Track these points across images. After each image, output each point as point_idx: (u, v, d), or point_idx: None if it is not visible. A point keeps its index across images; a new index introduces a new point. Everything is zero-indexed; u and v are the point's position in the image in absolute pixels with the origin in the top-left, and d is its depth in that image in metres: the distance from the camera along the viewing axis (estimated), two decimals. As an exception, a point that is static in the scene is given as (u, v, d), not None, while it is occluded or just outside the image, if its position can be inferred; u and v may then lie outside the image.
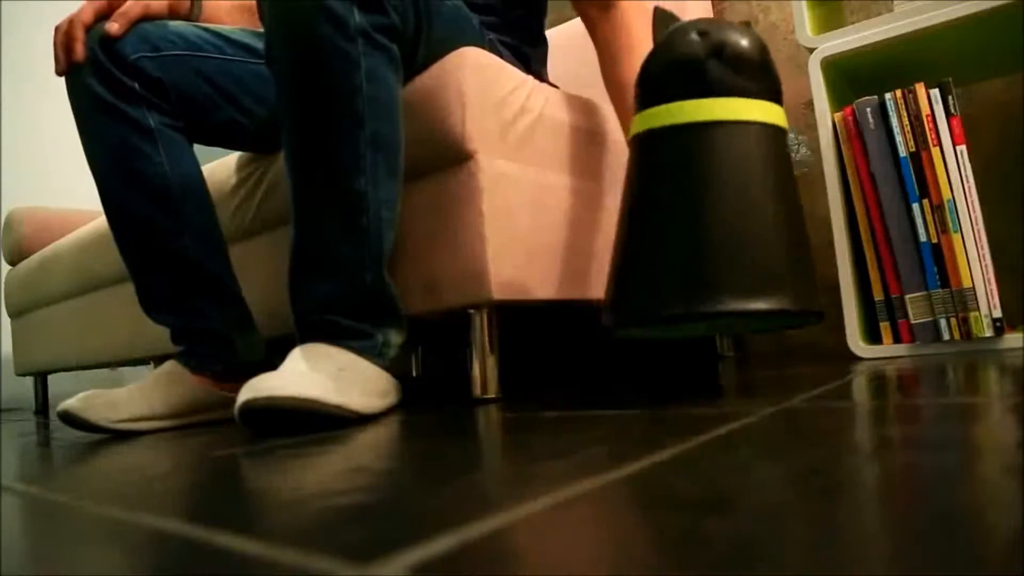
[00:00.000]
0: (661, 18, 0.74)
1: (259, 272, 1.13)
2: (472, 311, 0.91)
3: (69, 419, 0.87)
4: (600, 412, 0.65)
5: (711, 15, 1.40)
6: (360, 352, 0.81)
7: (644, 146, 0.73)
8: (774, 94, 0.72)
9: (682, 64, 0.70)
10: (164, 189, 0.93)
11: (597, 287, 1.03)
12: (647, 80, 0.73)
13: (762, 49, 0.71)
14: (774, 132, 0.71)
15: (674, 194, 0.69)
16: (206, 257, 0.97)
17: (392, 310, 0.85)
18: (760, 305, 0.65)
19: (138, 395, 0.91)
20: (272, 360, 0.92)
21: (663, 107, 0.71)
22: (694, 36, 0.70)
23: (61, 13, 2.97)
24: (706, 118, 0.69)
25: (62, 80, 3.19)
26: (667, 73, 0.71)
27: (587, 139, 1.05)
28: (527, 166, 0.95)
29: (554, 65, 1.30)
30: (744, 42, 0.70)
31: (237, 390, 0.93)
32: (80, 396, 0.89)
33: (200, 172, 0.98)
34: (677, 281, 0.67)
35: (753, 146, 0.69)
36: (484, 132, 0.89)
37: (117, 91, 0.91)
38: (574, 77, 1.29)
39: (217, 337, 0.97)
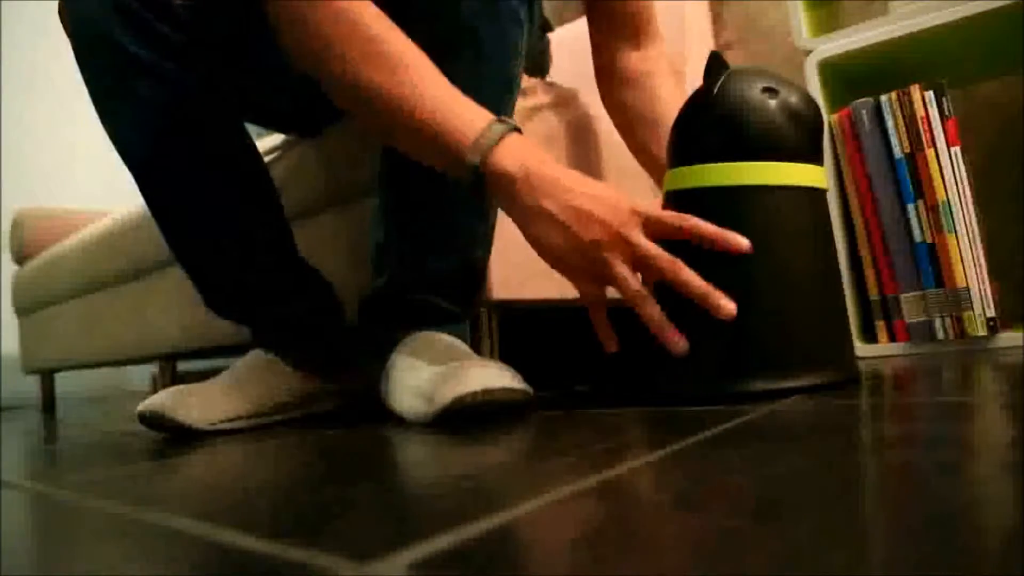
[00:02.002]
0: (716, 63, 0.67)
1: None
2: (472, 311, 0.92)
3: (155, 421, 0.76)
4: (600, 411, 0.66)
5: (709, 16, 1.41)
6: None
7: (694, 205, 0.66)
8: (821, 155, 0.70)
9: (754, 123, 0.64)
10: (225, 164, 0.81)
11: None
12: (697, 130, 0.67)
13: (819, 110, 0.68)
14: (822, 196, 0.69)
15: (716, 262, 0.64)
16: (282, 239, 0.87)
17: (478, 293, 0.84)
18: (792, 383, 0.63)
19: (236, 391, 0.81)
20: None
21: (727, 166, 0.65)
22: (764, 93, 0.65)
23: (65, 14, 2.98)
24: (770, 181, 0.65)
25: (64, 80, 3.19)
26: (731, 128, 0.65)
27: (587, 138, 1.06)
28: (526, 168, 0.96)
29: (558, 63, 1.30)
30: (809, 104, 0.67)
31: (335, 381, 0.90)
32: (167, 393, 0.78)
33: (253, 141, 0.86)
34: (707, 358, 0.64)
35: (814, 212, 0.67)
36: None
37: (158, 47, 0.74)
38: (575, 75, 1.29)
39: (309, 327, 0.88)
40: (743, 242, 0.63)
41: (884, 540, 0.23)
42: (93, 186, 2.95)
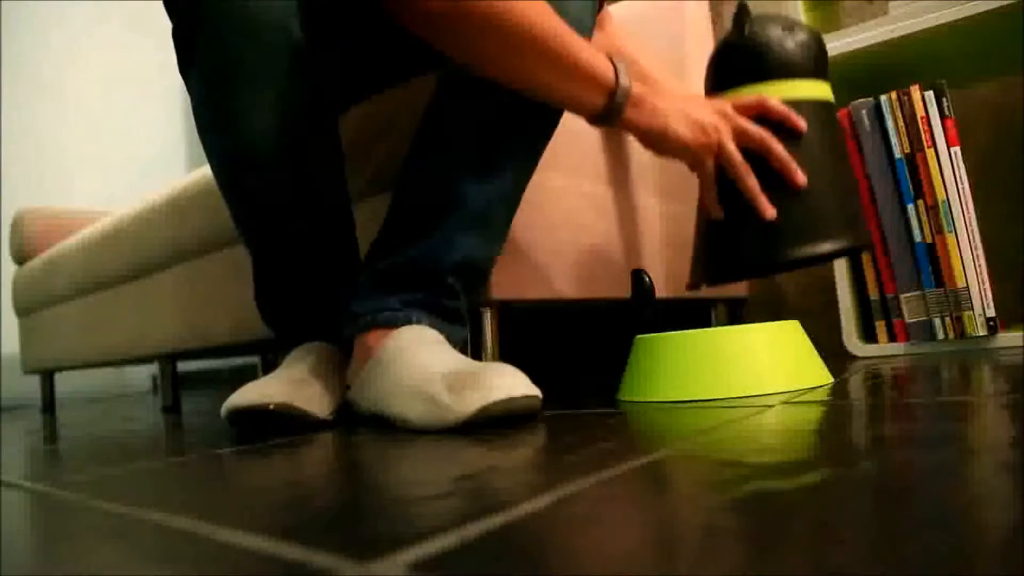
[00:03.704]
0: (743, 11, 0.85)
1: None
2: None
3: (279, 415, 0.72)
4: (601, 411, 0.66)
5: (709, 16, 1.41)
6: (452, 344, 0.77)
7: None
8: (827, 74, 0.87)
9: (776, 54, 0.83)
10: (333, 156, 0.81)
11: (600, 286, 1.05)
12: (734, 61, 0.85)
13: (822, 41, 0.86)
14: (831, 106, 0.86)
15: (762, 162, 0.80)
16: (353, 230, 0.86)
17: (476, 292, 0.83)
18: (825, 248, 0.79)
19: (332, 385, 0.80)
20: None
21: (758, 86, 0.83)
22: (783, 31, 0.84)
23: (61, 13, 2.98)
24: (795, 96, 0.82)
25: (65, 81, 3.19)
26: (759, 58, 0.83)
27: (587, 139, 1.07)
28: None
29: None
30: (816, 38, 0.85)
31: None
32: (274, 385, 0.74)
33: None
34: (759, 236, 0.80)
35: (826, 119, 0.84)
36: (484, 135, 0.90)
37: (315, 32, 0.73)
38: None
39: (341, 317, 0.84)
40: (801, 121, 0.81)
41: (884, 539, 0.23)
42: (93, 186, 2.95)
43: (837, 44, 1.10)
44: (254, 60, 0.71)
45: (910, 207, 1.02)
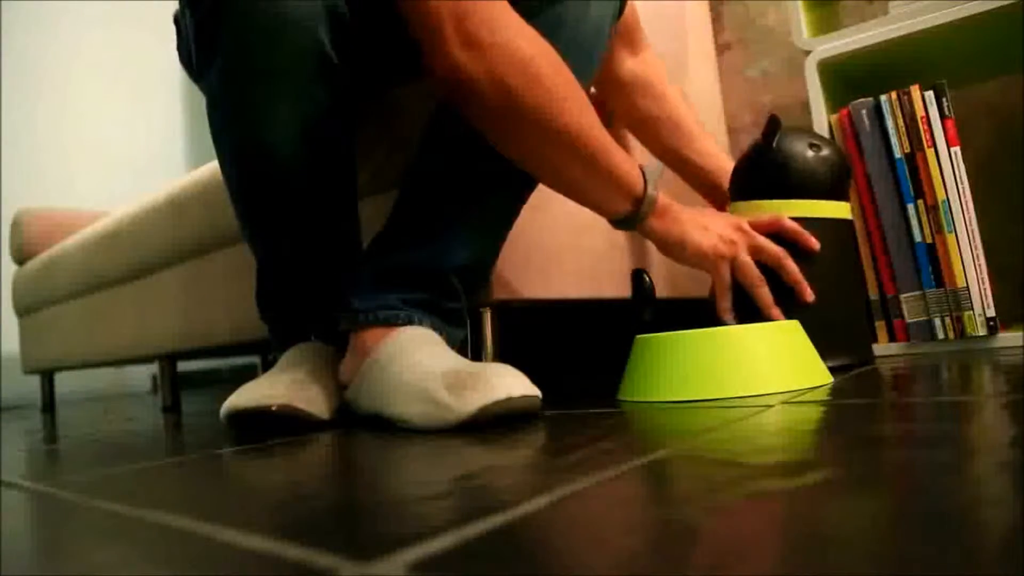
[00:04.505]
0: (773, 124, 0.87)
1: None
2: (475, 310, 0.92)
3: (280, 417, 0.72)
4: (600, 411, 0.66)
5: (709, 16, 1.41)
6: (450, 345, 0.77)
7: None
8: (848, 193, 0.91)
9: (799, 171, 0.86)
10: (347, 159, 0.83)
11: (600, 286, 1.05)
12: (759, 175, 0.88)
13: (847, 158, 0.90)
14: (848, 224, 0.90)
15: (776, 274, 0.83)
16: (358, 232, 0.87)
17: (474, 294, 0.83)
18: (832, 363, 0.83)
19: (330, 387, 0.79)
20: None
21: (779, 203, 0.86)
22: (809, 148, 0.87)
23: (61, 13, 2.98)
24: (810, 214, 0.86)
25: (64, 80, 3.19)
26: (783, 174, 0.86)
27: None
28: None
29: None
30: (840, 155, 0.89)
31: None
32: (273, 384, 0.74)
33: None
34: None
35: (842, 237, 0.88)
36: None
37: (343, 47, 0.74)
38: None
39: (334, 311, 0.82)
40: (813, 241, 0.84)
41: (884, 539, 0.23)
42: (93, 186, 2.95)
43: (837, 44, 1.10)
44: (278, 60, 0.70)
45: (910, 207, 1.02)
